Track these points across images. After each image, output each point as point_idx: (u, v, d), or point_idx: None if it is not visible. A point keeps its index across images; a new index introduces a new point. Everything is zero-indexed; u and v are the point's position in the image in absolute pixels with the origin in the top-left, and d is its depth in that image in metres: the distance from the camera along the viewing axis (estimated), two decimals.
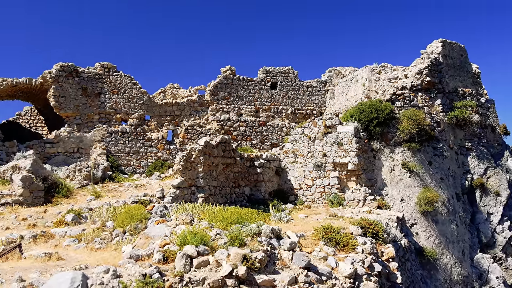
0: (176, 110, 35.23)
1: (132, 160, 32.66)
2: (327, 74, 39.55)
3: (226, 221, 13.93)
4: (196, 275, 10.04)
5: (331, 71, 39.50)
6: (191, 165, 22.04)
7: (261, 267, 10.87)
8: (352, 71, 37.79)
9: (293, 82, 38.51)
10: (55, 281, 8.26)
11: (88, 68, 33.52)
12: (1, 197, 21.53)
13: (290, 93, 38.31)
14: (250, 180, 25.59)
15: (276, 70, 38.29)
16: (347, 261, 12.96)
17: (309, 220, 18.83)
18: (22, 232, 15.95)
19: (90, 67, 33.64)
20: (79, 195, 24.19)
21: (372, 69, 33.06)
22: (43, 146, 30.09)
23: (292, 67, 38.54)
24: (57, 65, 32.41)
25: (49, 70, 32.20)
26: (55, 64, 32.47)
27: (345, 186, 25.42)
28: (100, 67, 33.78)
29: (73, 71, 32.70)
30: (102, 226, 16.37)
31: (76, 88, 32.56)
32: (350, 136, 25.22)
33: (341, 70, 39.31)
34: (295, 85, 38.54)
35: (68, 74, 32.48)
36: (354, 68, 38.14)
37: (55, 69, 32.20)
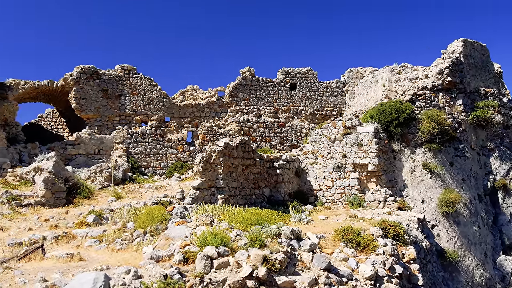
0: (195, 111, 35.36)
1: (152, 162, 32.85)
2: (346, 75, 39.37)
3: (246, 222, 13.94)
4: (216, 276, 10.06)
5: (350, 71, 39.31)
6: (210, 166, 22.10)
7: (281, 268, 10.85)
8: (371, 71, 37.56)
9: (313, 83, 38.40)
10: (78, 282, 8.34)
11: (109, 70, 33.81)
12: (23, 198, 21.81)
13: (309, 94, 38.22)
14: (269, 181, 25.57)
15: (295, 71, 38.23)
16: (367, 263, 12.90)
17: (329, 222, 18.76)
18: (45, 233, 16.13)
19: (111, 69, 33.93)
20: (100, 196, 24.41)
21: (392, 69, 32.84)
22: (65, 147, 30.41)
23: (311, 68, 38.44)
24: (78, 67, 32.75)
25: (70, 73, 32.55)
26: (76, 66, 32.83)
27: (365, 187, 25.28)
28: (121, 69, 34.05)
29: (93, 73, 33.01)
30: (123, 227, 16.49)
31: (96, 90, 32.86)
32: (370, 137, 25.08)
33: (361, 70, 39.10)
34: (314, 86, 38.43)
35: (89, 76, 32.80)
36: (374, 68, 37.91)
37: (76, 72, 32.53)
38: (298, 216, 18.43)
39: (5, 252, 13.68)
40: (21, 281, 9.54)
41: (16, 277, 9.91)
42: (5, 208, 20.31)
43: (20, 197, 21.81)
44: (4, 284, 9.30)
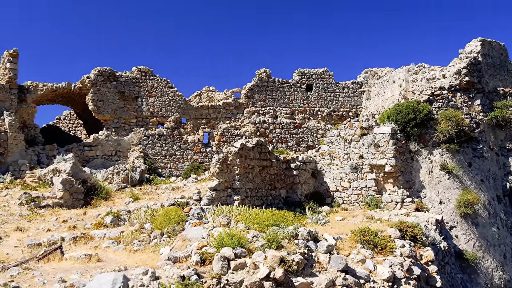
0: (212, 113, 35.46)
1: (168, 163, 33.00)
2: (363, 75, 39.20)
3: (263, 223, 13.95)
4: (233, 277, 10.07)
5: (367, 72, 39.14)
6: (227, 167, 22.14)
7: (298, 270, 10.84)
8: (388, 71, 37.34)
9: (329, 84, 38.31)
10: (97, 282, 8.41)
11: (125, 72, 34.06)
12: (42, 199, 22.03)
13: (325, 94, 38.13)
14: (286, 183, 25.53)
15: (311, 71, 38.17)
16: (385, 264, 12.82)
17: (346, 223, 18.69)
18: (63, 233, 16.29)
19: (127, 71, 34.18)
20: (117, 198, 24.57)
21: (409, 69, 32.62)
22: (82, 149, 30.67)
23: (327, 69, 38.36)
24: (95, 69, 33.03)
25: (88, 75, 32.84)
26: (94, 68, 33.12)
27: (382, 188, 25.15)
28: (137, 71, 34.28)
29: (110, 76, 33.27)
30: (140, 228, 16.59)
31: (113, 92, 33.11)
32: (387, 138, 24.94)
33: (377, 71, 38.90)
34: (330, 87, 38.33)
35: (106, 78, 33.07)
36: (391, 68, 37.67)
37: (93, 74, 32.81)
38: (315, 217, 18.38)
39: (24, 252, 13.84)
40: (40, 281, 9.64)
41: (36, 277, 10.01)
42: (24, 209, 20.54)
43: (39, 198, 22.03)
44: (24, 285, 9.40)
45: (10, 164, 26.59)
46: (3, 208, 20.44)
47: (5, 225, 17.62)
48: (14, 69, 30.17)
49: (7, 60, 30.27)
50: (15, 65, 30.28)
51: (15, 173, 26.02)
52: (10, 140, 27.02)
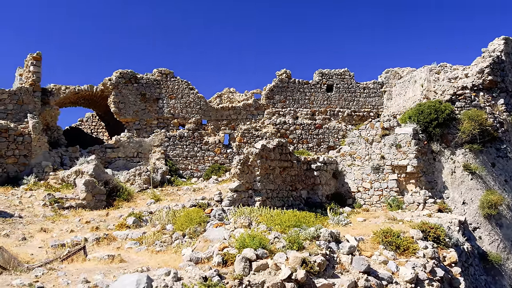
0: (232, 114, 35.54)
1: (190, 164, 33.13)
2: (384, 75, 38.95)
3: (284, 224, 13.92)
4: (255, 278, 10.08)
5: (388, 72, 38.88)
6: (248, 168, 22.16)
7: (320, 271, 10.80)
8: (409, 71, 37.04)
9: (349, 84, 38.15)
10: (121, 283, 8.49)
11: (147, 75, 34.31)
12: (65, 200, 22.29)
13: (346, 95, 37.97)
14: (307, 183, 25.49)
15: (331, 72, 38.05)
16: (408, 266, 12.71)
17: (368, 224, 18.57)
18: (86, 234, 16.44)
19: (148, 73, 34.44)
20: (139, 199, 24.74)
21: (430, 69, 32.32)
22: (104, 151, 30.96)
23: (348, 69, 38.20)
24: (117, 72, 33.33)
25: (109, 77, 33.15)
26: (115, 71, 33.43)
27: (404, 189, 24.95)
28: (158, 73, 34.52)
29: (132, 78, 33.56)
30: (162, 229, 16.67)
31: (135, 94, 33.38)
32: (409, 138, 24.75)
33: (398, 70, 38.60)
34: (351, 87, 38.17)
35: (127, 80, 33.36)
36: (412, 68, 37.35)
37: (115, 76, 33.12)
38: (336, 218, 18.31)
39: (48, 253, 14.00)
40: (64, 282, 9.74)
41: (60, 278, 10.11)
42: (48, 210, 20.81)
43: (62, 199, 22.30)
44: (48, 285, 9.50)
45: (34, 166, 26.95)
46: (28, 209, 20.74)
47: (30, 226, 17.86)
48: (38, 72, 30.59)
49: (30, 63, 30.69)
50: (39, 68, 30.69)
51: (39, 174, 26.36)
52: (33, 142, 27.39)
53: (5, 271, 10.94)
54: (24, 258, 12.97)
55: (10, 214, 19.51)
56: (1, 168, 26.07)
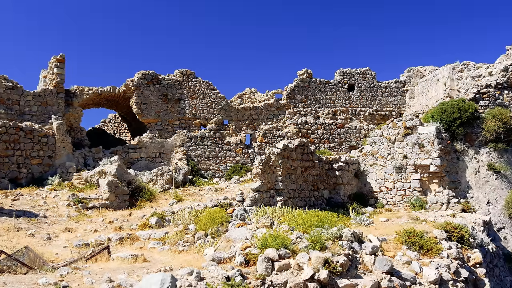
0: (253, 114, 35.58)
1: (211, 164, 33.24)
2: (406, 74, 38.62)
3: (306, 224, 13.89)
4: (277, 278, 10.07)
5: (410, 70, 38.54)
6: (269, 168, 22.16)
7: (342, 271, 10.75)
8: (432, 70, 36.69)
9: (371, 83, 37.91)
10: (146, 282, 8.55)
11: (168, 75, 34.52)
12: (89, 200, 22.53)
13: (368, 94, 37.75)
14: (328, 183, 25.41)
15: (353, 71, 37.86)
16: (431, 266, 12.59)
17: (390, 224, 18.44)
18: (109, 234, 16.59)
19: (170, 74, 34.64)
20: (161, 199, 24.90)
21: (453, 67, 31.97)
22: (127, 151, 31.23)
23: (369, 68, 37.97)
24: (139, 73, 33.59)
25: (131, 78, 33.43)
26: (137, 72, 33.71)
27: (427, 188, 24.73)
28: (180, 74, 34.70)
29: (154, 79, 33.80)
30: (184, 229, 16.74)
31: (157, 95, 33.61)
32: (431, 137, 24.52)
33: (421, 69, 38.25)
34: (373, 86, 37.93)
35: (149, 81, 33.62)
36: (435, 67, 36.99)
37: (137, 77, 33.39)
38: (359, 218, 18.22)
39: (73, 252, 14.16)
40: (88, 281, 9.83)
41: (84, 277, 10.21)
42: (72, 210, 21.06)
43: (86, 199, 22.55)
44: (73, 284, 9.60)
45: (58, 167, 27.30)
46: (52, 210, 21.01)
47: (54, 226, 18.07)
48: (61, 74, 30.98)
49: (54, 65, 31.10)
50: (62, 70, 31.08)
51: (63, 175, 26.70)
52: (58, 143, 27.74)
53: (31, 270, 11.09)
54: (49, 258, 13.14)
55: (35, 214, 19.80)
56: (26, 168, 26.45)
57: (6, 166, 25.68)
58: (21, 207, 20.72)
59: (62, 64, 31.19)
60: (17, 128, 26.32)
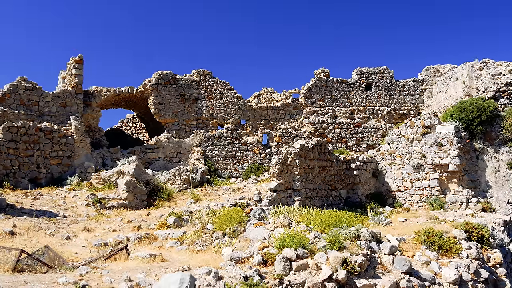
0: (270, 114, 35.56)
1: (228, 164, 33.29)
2: (424, 73, 38.32)
3: (324, 224, 13.83)
4: (295, 278, 10.04)
5: (428, 69, 38.24)
6: (287, 168, 22.13)
7: (361, 271, 10.69)
8: (450, 68, 36.36)
9: (389, 82, 37.68)
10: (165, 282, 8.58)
11: (185, 76, 34.64)
12: (107, 200, 22.70)
13: (385, 93, 37.53)
14: (346, 183, 25.31)
15: (370, 70, 37.67)
16: (451, 266, 12.47)
17: (409, 224, 18.31)
18: (128, 234, 16.68)
19: (187, 74, 34.76)
20: (179, 199, 25.00)
21: (472, 65, 31.64)
22: (145, 151, 31.41)
23: (387, 67, 37.76)
24: (156, 73, 33.76)
25: (149, 79, 33.61)
26: (154, 72, 33.88)
27: (446, 188, 24.52)
28: (197, 74, 34.81)
29: (171, 79, 33.94)
30: (202, 228, 16.77)
31: (174, 95, 33.75)
32: (450, 136, 24.30)
33: (439, 68, 37.93)
34: (390, 85, 37.70)
35: (166, 81, 33.77)
36: (453, 65, 36.66)
37: (155, 78, 33.55)
38: (377, 218, 18.11)
39: (92, 252, 14.26)
40: (107, 280, 9.89)
41: (103, 276, 10.28)
42: (91, 210, 21.24)
43: (104, 199, 22.72)
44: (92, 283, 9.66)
45: (77, 167, 27.54)
46: (71, 209, 21.21)
47: (73, 226, 18.23)
48: (80, 75, 31.26)
49: (72, 66, 31.39)
50: (81, 71, 31.36)
51: (82, 175, 26.93)
52: (76, 144, 27.99)
53: (51, 269, 11.20)
54: (68, 257, 13.26)
55: (54, 213, 19.99)
56: (46, 168, 26.73)
57: (26, 166, 25.97)
58: (41, 207, 20.94)
59: (80, 65, 31.46)
60: (36, 128, 26.61)
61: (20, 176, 25.60)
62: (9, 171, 25.26)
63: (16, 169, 25.55)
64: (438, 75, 37.35)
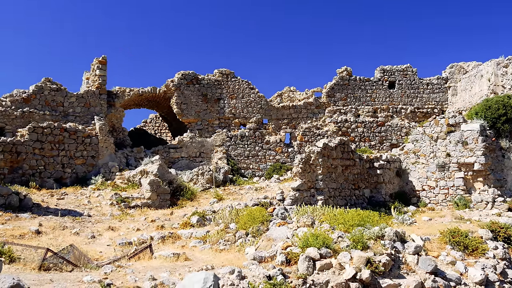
0: (293, 113, 35.50)
1: (251, 163, 33.30)
2: (448, 71, 37.88)
3: (348, 223, 13.75)
4: (319, 277, 10.00)
5: (452, 67, 37.78)
6: (310, 167, 22.06)
7: (385, 271, 10.60)
8: (475, 66, 35.88)
9: (412, 80, 37.34)
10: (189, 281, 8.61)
11: (208, 75, 34.77)
12: (131, 200, 22.88)
13: (409, 91, 37.19)
14: (369, 182, 25.13)
15: (393, 68, 37.37)
16: (477, 267, 12.29)
17: (433, 223, 18.11)
18: (152, 233, 16.79)
19: (209, 74, 34.88)
20: (202, 198, 25.09)
21: (498, 62, 31.17)
22: (168, 151, 31.58)
23: (410, 65, 37.40)
24: (179, 73, 33.94)
25: (172, 79, 33.82)
26: (177, 72, 34.08)
27: (471, 187, 24.18)
28: (219, 74, 34.91)
29: (193, 79, 34.10)
30: (225, 228, 16.80)
31: (196, 95, 33.90)
32: (475, 135, 23.96)
33: (464, 65, 37.45)
34: (414, 83, 37.35)
35: (189, 81, 33.94)
36: (478, 62, 36.15)
37: (177, 78, 33.74)
38: (401, 218, 17.94)
39: (116, 251, 14.39)
40: (132, 279, 9.96)
41: (127, 275, 10.35)
42: (115, 210, 21.44)
43: (128, 199, 22.91)
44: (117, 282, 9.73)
45: (101, 166, 27.82)
46: (96, 209, 21.43)
47: (98, 225, 18.42)
48: (103, 76, 31.58)
49: (96, 67, 31.72)
50: (104, 72, 31.67)
51: (106, 174, 27.19)
52: (100, 144, 28.27)
53: (76, 268, 11.33)
54: (93, 256, 13.39)
55: (79, 213, 20.23)
56: (71, 168, 27.05)
57: (52, 166, 26.31)
58: (66, 206, 21.20)
59: (104, 66, 31.78)
60: (61, 129, 26.96)
61: (46, 176, 25.95)
62: (35, 171, 25.62)
63: (41, 169, 25.91)
64: (462, 73, 36.89)
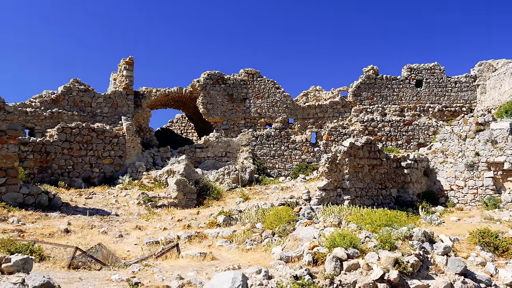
0: (319, 112, 35.38)
1: (277, 163, 33.26)
2: (476, 68, 37.32)
3: (375, 223, 13.64)
4: (346, 278, 9.93)
5: (481, 64, 37.20)
6: (336, 167, 21.94)
7: (413, 272, 10.48)
8: (505, 63, 35.29)
9: (440, 79, 36.88)
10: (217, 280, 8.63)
11: (233, 75, 34.85)
12: (158, 199, 23.04)
13: (436, 90, 36.74)
14: (396, 182, 24.89)
15: (420, 67, 36.96)
16: (508, 268, 12.07)
17: (462, 223, 17.88)
18: (178, 232, 16.88)
19: (235, 74, 34.96)
20: (228, 198, 25.15)
21: None
22: (194, 151, 31.73)
23: (438, 63, 36.95)
24: (205, 73, 34.09)
25: (198, 79, 33.99)
26: (203, 72, 34.23)
27: (501, 187, 23.77)
28: (245, 74, 34.96)
29: (219, 79, 34.22)
30: (251, 227, 16.81)
31: (222, 94, 34.01)
32: (505, 133, 23.54)
33: (493, 63, 36.85)
34: (441, 82, 36.89)
35: (215, 81, 34.06)
36: (508, 60, 35.57)
37: (203, 78, 33.89)
38: (429, 218, 17.76)
39: (143, 250, 14.50)
40: (159, 278, 10.02)
41: (155, 274, 10.42)
42: (142, 209, 21.61)
43: (155, 198, 23.08)
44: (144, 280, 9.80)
45: (128, 166, 28.08)
46: (123, 208, 21.64)
47: (125, 224, 18.59)
48: (130, 76, 31.88)
49: (123, 67, 32.03)
50: (131, 72, 31.97)
51: (133, 174, 27.44)
52: (127, 144, 28.54)
53: (104, 267, 11.44)
54: (121, 255, 13.52)
55: (107, 212, 20.44)
56: (98, 168, 27.37)
57: (80, 166, 26.65)
58: (94, 206, 21.45)
59: (131, 67, 32.07)
60: (89, 129, 27.29)
61: (74, 175, 26.29)
62: (63, 170, 25.99)
63: (70, 169, 26.26)
64: (491, 71, 36.29)
